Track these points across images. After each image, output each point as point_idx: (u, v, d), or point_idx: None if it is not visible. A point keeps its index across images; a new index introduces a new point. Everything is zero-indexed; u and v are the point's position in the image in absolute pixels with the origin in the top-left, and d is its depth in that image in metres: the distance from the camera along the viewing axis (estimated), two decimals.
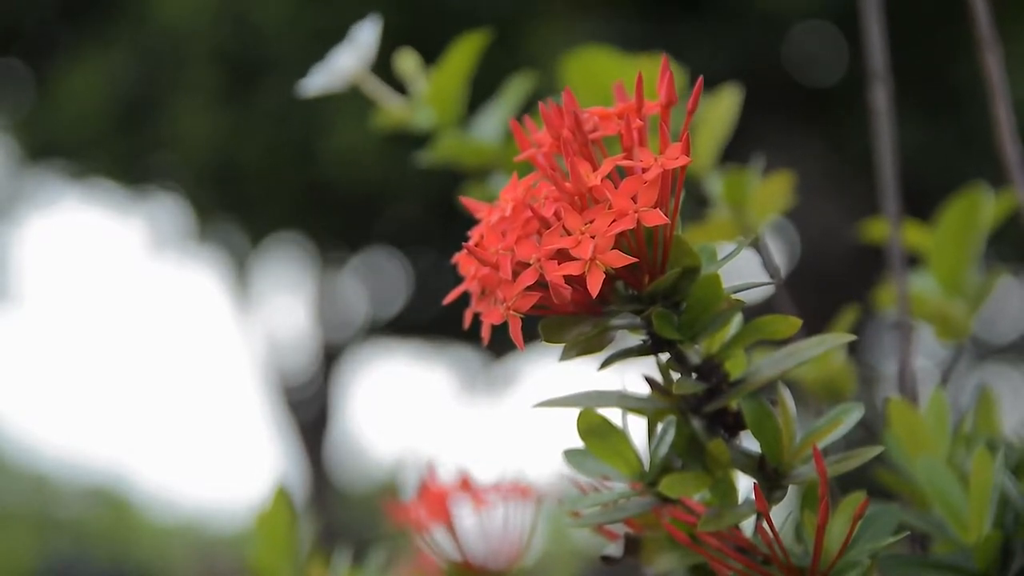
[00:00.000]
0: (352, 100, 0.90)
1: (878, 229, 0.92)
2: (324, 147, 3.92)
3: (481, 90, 0.96)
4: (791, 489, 0.60)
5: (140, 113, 4.25)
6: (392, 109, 0.89)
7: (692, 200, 0.87)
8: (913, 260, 0.89)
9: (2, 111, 4.81)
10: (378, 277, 5.44)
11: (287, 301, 5.83)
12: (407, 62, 0.89)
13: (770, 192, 0.87)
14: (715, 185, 0.88)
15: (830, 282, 3.79)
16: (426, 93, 0.88)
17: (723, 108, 0.87)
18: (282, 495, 0.84)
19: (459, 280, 0.58)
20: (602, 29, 3.51)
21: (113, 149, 4.43)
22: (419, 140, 0.91)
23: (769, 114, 3.83)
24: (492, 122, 0.89)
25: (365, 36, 0.87)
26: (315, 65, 0.88)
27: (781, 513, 0.60)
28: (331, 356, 5.81)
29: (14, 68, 4.75)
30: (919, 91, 3.55)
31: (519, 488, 0.83)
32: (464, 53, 0.87)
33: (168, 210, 4.95)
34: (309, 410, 5.87)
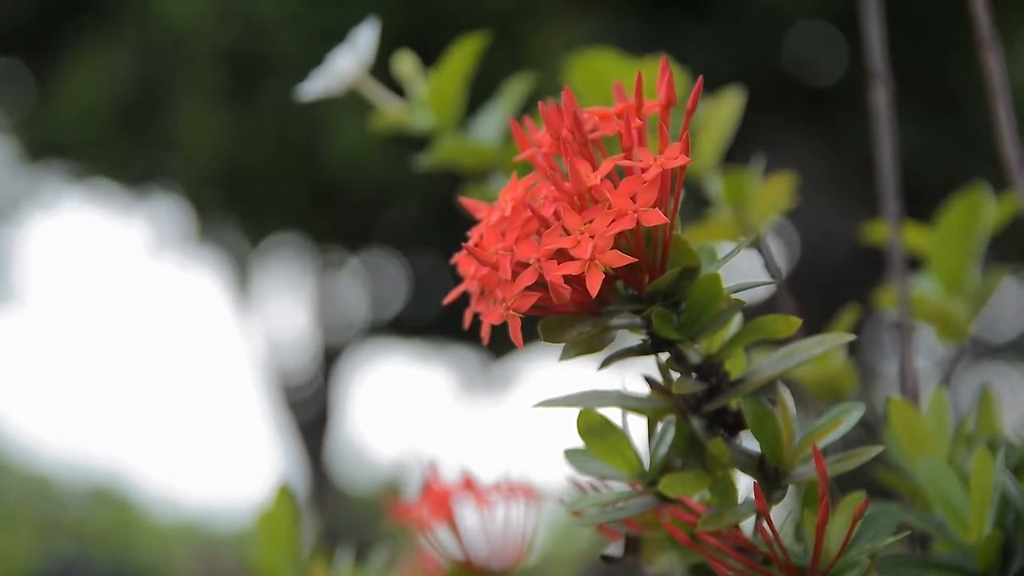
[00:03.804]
0: (355, 101, 0.90)
1: (879, 230, 0.92)
2: (327, 148, 3.92)
3: (480, 91, 0.96)
4: (791, 489, 0.60)
5: (142, 113, 4.25)
6: (390, 111, 0.89)
7: (695, 201, 0.87)
8: (913, 261, 0.89)
9: (3, 110, 4.81)
10: (378, 277, 5.44)
11: (287, 301, 5.83)
12: (405, 64, 0.89)
13: (771, 192, 0.87)
14: (716, 185, 0.88)
15: (829, 281, 3.79)
16: (425, 95, 0.88)
17: (726, 110, 0.87)
18: (284, 495, 0.84)
19: (458, 280, 0.58)
20: (602, 30, 3.51)
21: (115, 149, 4.43)
22: (421, 140, 0.91)
23: (769, 114, 3.83)
24: (491, 123, 0.89)
25: (363, 39, 0.87)
26: (319, 66, 0.88)
27: (781, 513, 0.60)
28: (331, 356, 5.81)
29: (15, 67, 4.75)
30: (918, 91, 3.55)
31: (521, 488, 0.83)
32: (463, 55, 0.87)
33: (169, 210, 4.95)
34: (309, 410, 5.87)
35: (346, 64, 0.86)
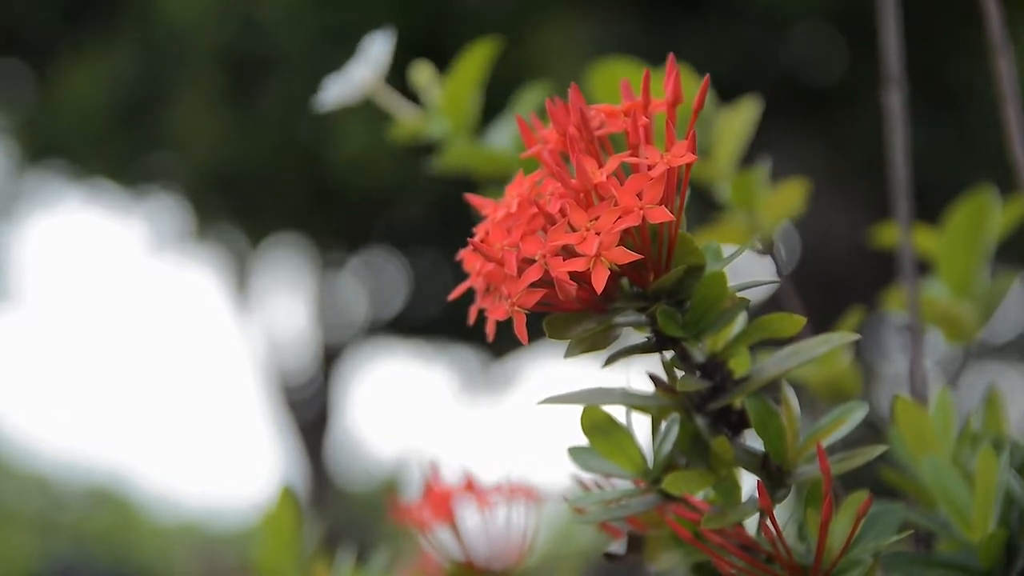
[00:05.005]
0: (361, 103, 0.89)
1: (888, 233, 0.92)
2: (328, 149, 3.92)
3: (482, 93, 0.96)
4: (794, 487, 0.60)
5: (141, 113, 4.25)
6: (406, 120, 0.89)
7: (707, 205, 0.87)
8: (920, 263, 0.89)
9: (3, 111, 4.81)
10: (378, 277, 5.44)
11: (287, 301, 5.83)
12: (421, 73, 0.89)
13: (783, 197, 0.87)
14: (727, 188, 0.88)
15: (828, 280, 3.79)
16: (439, 102, 0.88)
17: (742, 118, 0.87)
18: (287, 495, 0.84)
19: (459, 280, 0.58)
20: (601, 31, 3.50)
21: (114, 149, 4.43)
22: (431, 144, 0.91)
23: (768, 114, 3.82)
24: (505, 131, 0.89)
25: (378, 48, 0.87)
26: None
27: (784, 512, 0.60)
28: (331, 356, 5.82)
29: (15, 68, 4.75)
30: (919, 91, 3.55)
31: (522, 489, 0.83)
32: (475, 60, 0.87)
33: (168, 210, 4.95)
34: (309, 410, 5.88)
35: (362, 73, 0.86)
